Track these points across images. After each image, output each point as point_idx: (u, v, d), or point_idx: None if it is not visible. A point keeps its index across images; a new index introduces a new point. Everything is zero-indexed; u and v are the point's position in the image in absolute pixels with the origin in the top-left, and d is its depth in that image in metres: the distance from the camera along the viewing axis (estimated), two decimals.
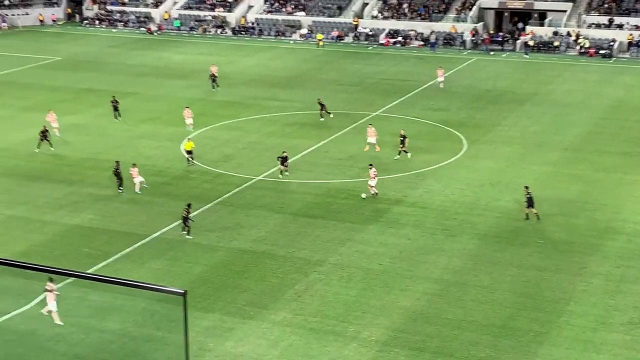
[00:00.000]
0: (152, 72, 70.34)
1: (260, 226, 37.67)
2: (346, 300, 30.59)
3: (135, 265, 33.59)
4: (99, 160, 46.50)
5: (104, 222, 38.30)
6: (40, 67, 72.66)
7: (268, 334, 28.35)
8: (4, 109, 58.23)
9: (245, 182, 43.23)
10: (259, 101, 60.08)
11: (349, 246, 35.35)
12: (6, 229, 37.64)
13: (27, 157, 47.71)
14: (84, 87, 65.03)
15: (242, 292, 31.26)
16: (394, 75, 68.99)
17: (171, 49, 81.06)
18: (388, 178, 43.61)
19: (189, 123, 51.51)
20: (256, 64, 73.70)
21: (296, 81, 66.64)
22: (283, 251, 34.90)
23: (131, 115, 56.38)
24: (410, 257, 34.21)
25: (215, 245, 35.49)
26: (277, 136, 51.41)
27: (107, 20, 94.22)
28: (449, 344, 27.59)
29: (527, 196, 37.89)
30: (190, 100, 60.06)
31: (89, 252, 35.00)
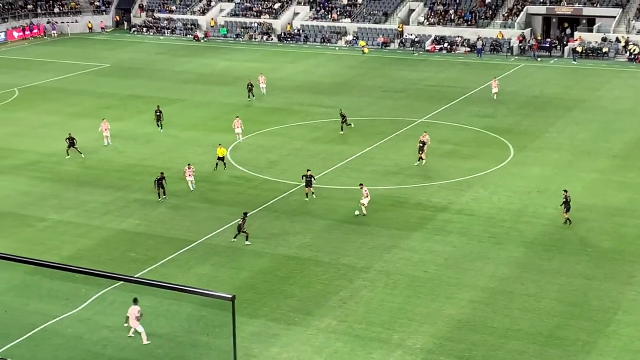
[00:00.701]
0: (198, 79, 70.86)
1: (305, 232, 37.68)
2: (391, 308, 30.42)
3: (181, 270, 33.78)
4: (145, 166, 46.92)
5: (150, 228, 38.61)
6: (88, 74, 73.62)
7: (313, 340, 28.30)
8: (53, 115, 59.07)
9: (290, 188, 43.29)
10: (304, 107, 60.18)
11: (394, 253, 35.17)
12: (55, 233, 38.13)
13: (75, 162, 48.31)
14: (131, 93, 65.74)
15: (287, 298, 31.26)
16: (439, 82, 68.65)
17: (217, 55, 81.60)
18: (433, 185, 43.36)
19: (238, 132, 51.31)
20: (301, 71, 73.86)
21: (341, 88, 66.63)
22: (328, 257, 34.84)
23: (177, 122, 56.83)
24: (456, 265, 33.93)
25: (260, 251, 35.56)
26: (321, 142, 51.42)
27: (155, 27, 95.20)
28: (495, 352, 27.27)
29: (565, 200, 37.58)
30: (235, 106, 60.40)
31: (136, 257, 35.31)
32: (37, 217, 39.88)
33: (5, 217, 39.89)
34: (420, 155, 46.26)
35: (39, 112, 60.27)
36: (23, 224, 39.07)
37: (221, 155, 46.17)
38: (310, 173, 41.50)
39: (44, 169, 47.11)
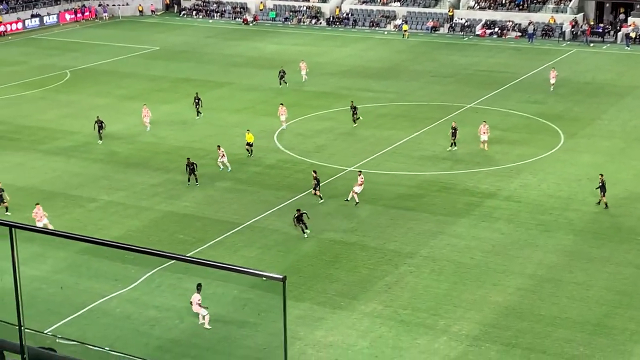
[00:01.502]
0: (246, 62, 71.08)
1: (351, 217, 37.70)
2: (437, 294, 30.34)
3: (229, 252, 34.05)
4: (194, 149, 47.25)
5: (198, 210, 38.94)
6: (138, 57, 74.28)
7: (358, 324, 28.36)
8: (104, 97, 59.74)
9: (337, 172, 43.30)
10: (353, 92, 60.02)
11: (441, 239, 35.04)
12: (105, 214, 38.66)
13: (125, 144, 48.87)
14: (180, 76, 66.18)
15: (332, 282, 31.34)
16: (489, 67, 67.96)
17: (266, 39, 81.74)
18: (481, 171, 43.05)
19: (283, 120, 51.01)
20: (350, 55, 73.66)
21: (390, 72, 66.33)
22: (374, 242, 34.84)
23: (225, 105, 57.13)
24: (503, 252, 33.70)
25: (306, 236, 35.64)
26: (370, 127, 51.29)
27: (204, 10, 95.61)
28: (541, 340, 27.07)
29: (601, 184, 37.48)
30: (283, 90, 60.48)
31: (184, 238, 35.67)
32: (88, 197, 40.46)
33: (57, 198, 40.54)
34: (453, 140, 46.00)
35: (89, 94, 61.00)
36: (74, 205, 39.68)
37: (250, 141, 45.83)
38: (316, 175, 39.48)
39: (94, 151, 47.73)
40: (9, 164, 45.70)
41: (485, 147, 45.61)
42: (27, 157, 46.74)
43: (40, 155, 47.13)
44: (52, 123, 53.07)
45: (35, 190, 41.49)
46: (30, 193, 41.04)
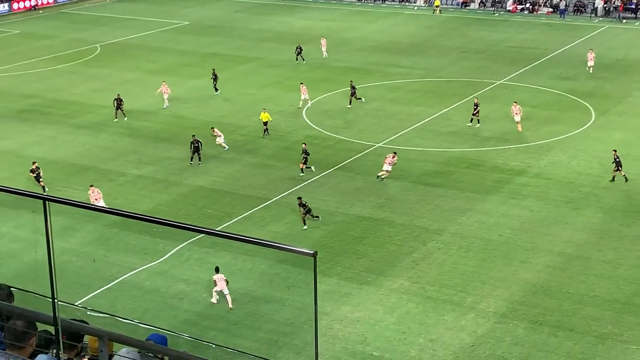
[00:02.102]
0: (275, 38, 70.93)
1: (379, 193, 37.68)
2: (464, 270, 30.32)
3: (256, 227, 34.19)
4: (222, 124, 47.33)
5: (226, 185, 39.11)
6: (168, 32, 74.38)
7: (385, 300, 28.43)
8: (133, 72, 59.97)
9: (365, 148, 43.23)
10: (381, 67, 59.77)
11: (469, 216, 34.94)
12: (134, 188, 38.95)
13: (155, 119, 49.08)
14: (209, 51, 66.21)
15: (360, 258, 31.41)
16: (520, 43, 67.29)
17: (295, 14, 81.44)
18: (511, 148, 42.78)
19: (305, 98, 50.45)
20: (379, 30, 73.24)
21: (419, 48, 65.91)
22: (402, 219, 34.82)
23: (254, 80, 57.12)
24: (532, 229, 33.55)
25: (334, 211, 35.72)
26: (399, 103, 51.09)
27: None
28: (569, 318, 26.99)
29: (616, 159, 37.59)
30: (312, 65, 60.38)
31: (212, 213, 35.86)
32: (117, 171, 40.76)
33: (87, 171, 40.88)
34: (477, 117, 45.84)
35: (119, 68, 61.25)
36: (104, 178, 39.98)
37: (265, 120, 45.43)
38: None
39: (124, 125, 47.99)
40: (42, 137, 46.11)
41: (519, 128, 44.97)
42: (58, 131, 47.13)
43: (71, 129, 47.49)
44: (82, 97, 53.40)
45: (66, 163, 41.87)
46: (61, 167, 41.43)
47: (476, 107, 46.02)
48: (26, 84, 57.08)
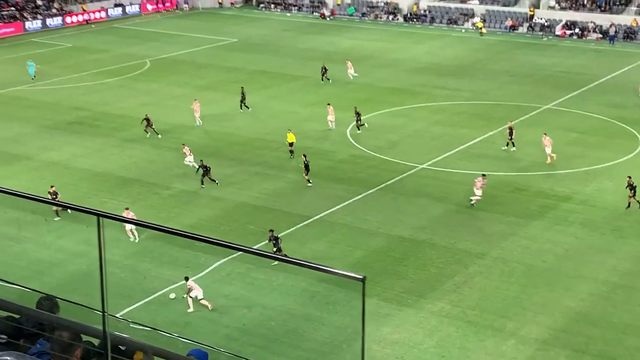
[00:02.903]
0: (322, 57, 71.11)
1: (421, 214, 37.52)
2: (506, 296, 30.01)
3: (298, 245, 34.23)
4: (267, 141, 47.61)
5: (269, 201, 39.24)
6: (216, 48, 75.10)
7: (425, 323, 28.24)
8: (181, 87, 60.58)
9: (409, 169, 43.12)
10: (427, 89, 59.68)
11: (512, 241, 34.62)
12: (178, 202, 39.26)
13: (200, 134, 49.49)
14: (256, 68, 66.67)
15: (400, 280, 31.27)
16: (569, 68, 66.73)
17: (342, 34, 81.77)
18: (557, 173, 42.36)
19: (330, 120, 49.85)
20: (426, 52, 73.20)
21: (466, 70, 65.71)
22: (444, 241, 34.61)
23: (300, 98, 57.37)
24: (576, 256, 33.12)
25: (376, 231, 35.64)
26: (444, 125, 50.93)
27: (282, 4, 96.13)
28: (612, 348, 26.56)
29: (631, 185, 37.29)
30: (358, 85, 60.50)
31: (254, 229, 35.97)
32: (162, 185, 41.13)
33: (133, 184, 41.32)
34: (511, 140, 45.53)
35: (168, 83, 61.94)
36: (149, 192, 40.38)
37: (290, 141, 44.96)
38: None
39: (170, 139, 48.44)
40: (89, 149, 46.73)
41: (548, 160, 43.82)
42: (106, 144, 47.73)
43: (118, 142, 48.08)
44: (130, 111, 54.05)
45: (112, 176, 42.37)
46: (107, 179, 41.94)
47: (511, 131, 45.75)
48: (76, 96, 57.98)
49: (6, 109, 54.80)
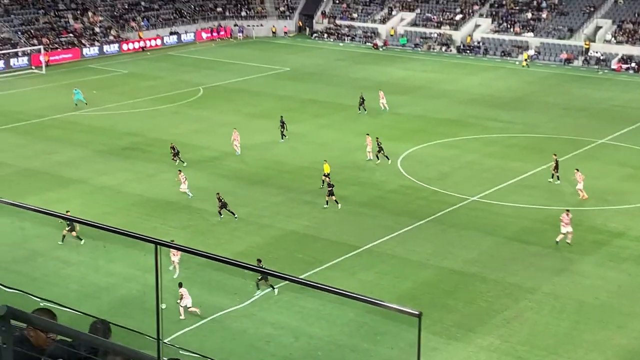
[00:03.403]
0: (374, 87, 71.17)
1: (472, 247, 37.13)
2: (557, 332, 29.46)
3: (346, 275, 34.08)
4: (317, 170, 47.61)
5: (318, 230, 39.19)
6: (269, 77, 75.70)
7: (474, 357, 27.83)
8: (233, 115, 61.07)
9: (460, 201, 42.77)
10: (480, 121, 59.33)
11: (564, 276, 34.03)
12: (227, 229, 39.41)
13: (251, 161, 49.76)
14: (308, 97, 67.00)
15: (449, 313, 30.90)
16: (625, 103, 65.82)
17: (395, 64, 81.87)
18: (610, 209, 41.65)
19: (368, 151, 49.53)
20: (479, 84, 72.88)
21: (519, 103, 65.20)
22: (494, 275, 34.17)
23: (351, 127, 57.41)
24: (630, 294, 32.43)
25: (425, 263, 35.35)
26: (496, 157, 50.49)
27: (335, 34, 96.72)
28: None
29: None
30: (409, 116, 60.40)
31: (302, 258, 35.93)
32: (212, 212, 41.31)
33: (183, 210, 41.62)
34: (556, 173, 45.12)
35: (220, 111, 62.50)
36: (199, 218, 40.64)
37: (326, 171, 44.61)
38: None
39: (221, 166, 48.80)
40: (141, 174, 47.26)
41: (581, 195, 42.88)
42: (157, 169, 48.23)
43: (169, 167, 48.51)
44: (183, 137, 54.58)
45: (163, 201, 42.75)
46: (158, 204, 42.32)
47: (556, 164, 45.23)
48: (130, 122, 58.81)
49: (62, 134, 55.78)
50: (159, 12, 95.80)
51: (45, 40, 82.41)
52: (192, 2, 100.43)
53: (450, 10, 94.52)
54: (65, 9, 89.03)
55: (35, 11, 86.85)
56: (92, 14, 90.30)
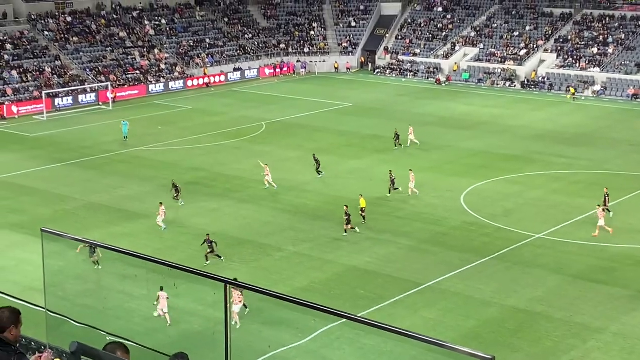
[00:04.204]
0: (436, 122, 71.01)
1: (537, 285, 36.44)
2: None
3: (408, 312, 33.71)
4: (379, 205, 47.45)
5: (380, 266, 38.92)
6: (331, 112, 75.95)
7: None
8: (295, 150, 61.33)
9: (524, 238, 42.09)
10: (545, 157, 58.53)
11: (634, 316, 33.14)
12: (290, 264, 39.39)
13: (313, 197, 49.80)
14: (370, 132, 66.95)
15: (514, 352, 30.29)
16: None
17: (458, 99, 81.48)
18: None
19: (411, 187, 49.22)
20: (543, 119, 72.03)
21: (585, 139, 64.21)
22: (560, 314, 33.44)
23: (413, 164, 57.08)
24: None
25: (489, 301, 34.78)
26: (561, 194, 49.66)
27: (398, 69, 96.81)
28: None
29: None
30: (472, 151, 59.92)
31: (364, 294, 35.68)
32: (275, 247, 41.40)
33: (246, 245, 41.77)
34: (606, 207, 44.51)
35: (282, 146, 62.83)
36: (261, 253, 40.72)
37: (362, 206, 44.38)
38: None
39: (283, 201, 48.93)
40: (204, 209, 47.63)
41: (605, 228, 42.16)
42: (221, 204, 48.57)
43: (233, 202, 48.85)
44: (245, 172, 54.97)
45: (226, 236, 42.95)
46: (221, 239, 42.49)
47: (606, 197, 44.48)
48: (194, 157, 59.48)
49: (127, 168, 56.66)
50: (223, 49, 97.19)
51: (112, 77, 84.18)
52: (255, 39, 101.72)
53: (514, 45, 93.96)
54: (132, 47, 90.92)
55: (104, 49, 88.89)
56: (158, 51, 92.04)
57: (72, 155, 60.13)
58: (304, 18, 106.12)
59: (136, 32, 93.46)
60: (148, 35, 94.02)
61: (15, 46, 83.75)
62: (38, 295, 33.62)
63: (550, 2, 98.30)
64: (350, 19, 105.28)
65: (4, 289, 32.55)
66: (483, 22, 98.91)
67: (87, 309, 33.24)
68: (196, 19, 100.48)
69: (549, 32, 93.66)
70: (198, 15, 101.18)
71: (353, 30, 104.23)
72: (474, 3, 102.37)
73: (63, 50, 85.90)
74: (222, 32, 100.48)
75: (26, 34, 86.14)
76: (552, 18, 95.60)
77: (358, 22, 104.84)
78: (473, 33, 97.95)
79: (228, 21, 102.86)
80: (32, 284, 35.97)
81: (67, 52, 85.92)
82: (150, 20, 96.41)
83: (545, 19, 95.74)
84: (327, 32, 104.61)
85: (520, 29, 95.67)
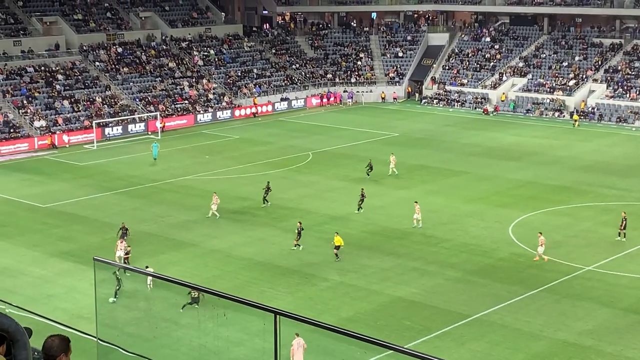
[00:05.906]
0: (484, 152, 70.59)
1: (587, 319, 35.84)
2: None
3: (455, 344, 33.36)
4: (426, 236, 47.20)
5: (426, 297, 38.62)
6: (377, 142, 75.91)
7: None
8: (341, 180, 61.32)
9: (574, 271, 41.50)
10: (594, 188, 57.79)
11: None
12: (336, 294, 39.27)
13: (359, 226, 49.68)
14: (416, 163, 66.76)
15: None
16: None
17: (505, 130, 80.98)
18: None
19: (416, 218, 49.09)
20: (593, 150, 71.22)
21: (636, 170, 63.27)
22: (611, 348, 32.84)
23: (460, 194, 56.81)
24: None
25: (538, 334, 34.28)
26: (612, 226, 48.82)
27: (445, 99, 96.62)
28: None
29: None
30: (520, 182, 59.39)
31: (411, 325, 35.41)
32: (320, 276, 41.34)
33: (292, 274, 41.77)
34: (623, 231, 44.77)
35: (328, 176, 62.89)
36: (307, 283, 40.67)
37: (338, 244, 43.58)
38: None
39: (329, 231, 48.83)
40: (251, 238, 47.79)
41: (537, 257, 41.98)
42: (267, 233, 48.70)
43: (279, 232, 48.93)
44: (291, 202, 55.11)
45: (272, 265, 43.03)
46: (267, 268, 42.63)
47: (623, 221, 44.35)
48: (240, 186, 59.77)
49: (175, 197, 57.15)
50: (270, 79, 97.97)
51: (161, 107, 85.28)
52: (302, 69, 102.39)
53: (563, 75, 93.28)
54: (181, 77, 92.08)
55: (153, 79, 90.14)
56: (206, 82, 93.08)
57: (121, 184, 60.87)
58: (350, 48, 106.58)
59: (185, 63, 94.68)
60: (197, 66, 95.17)
61: (67, 76, 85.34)
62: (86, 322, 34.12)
63: (599, 32, 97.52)
64: (397, 49, 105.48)
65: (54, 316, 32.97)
66: (531, 52, 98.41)
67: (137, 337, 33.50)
68: (244, 50, 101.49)
69: (599, 62, 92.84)
70: (246, 46, 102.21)
71: (400, 60, 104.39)
72: (522, 33, 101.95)
73: (113, 81, 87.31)
74: (270, 62, 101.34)
75: (77, 65, 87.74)
76: (601, 48, 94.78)
77: (405, 52, 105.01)
78: (521, 63, 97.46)
79: (275, 51, 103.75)
80: (80, 311, 36.40)
81: (117, 82, 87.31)
82: (199, 51, 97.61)
83: (594, 49, 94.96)
84: (374, 62, 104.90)
85: (569, 59, 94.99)
